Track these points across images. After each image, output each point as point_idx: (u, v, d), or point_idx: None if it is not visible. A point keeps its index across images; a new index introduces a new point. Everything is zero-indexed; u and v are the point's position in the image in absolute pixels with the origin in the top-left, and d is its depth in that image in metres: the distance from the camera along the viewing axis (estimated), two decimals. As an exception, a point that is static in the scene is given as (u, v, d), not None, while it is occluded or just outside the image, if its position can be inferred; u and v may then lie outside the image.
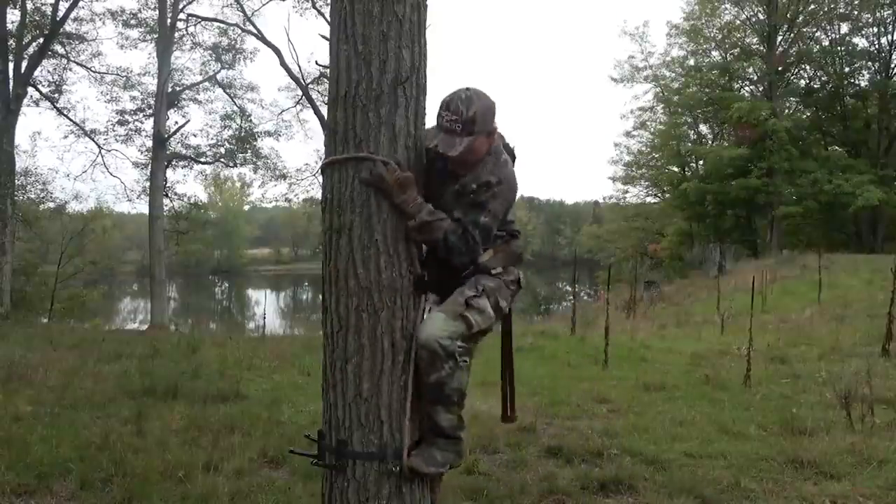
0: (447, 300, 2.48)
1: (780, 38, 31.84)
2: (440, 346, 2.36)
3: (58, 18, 17.58)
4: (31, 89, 18.30)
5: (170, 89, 20.18)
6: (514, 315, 2.76)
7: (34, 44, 17.75)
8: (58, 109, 20.11)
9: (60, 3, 17.65)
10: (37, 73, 18.14)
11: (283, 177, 22.45)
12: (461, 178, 2.50)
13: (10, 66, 16.70)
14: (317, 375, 3.60)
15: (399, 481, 2.35)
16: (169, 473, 3.70)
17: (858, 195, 26.43)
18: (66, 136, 20.88)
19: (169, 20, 19.40)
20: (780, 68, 31.48)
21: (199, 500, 3.39)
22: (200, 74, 21.70)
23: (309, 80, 19.90)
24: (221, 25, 20.93)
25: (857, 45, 31.74)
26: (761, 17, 32.20)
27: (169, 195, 21.07)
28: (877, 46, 31.49)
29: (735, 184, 29.20)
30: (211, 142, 22.08)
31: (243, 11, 20.29)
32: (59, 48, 19.07)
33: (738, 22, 33.32)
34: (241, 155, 22.32)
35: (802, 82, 33.96)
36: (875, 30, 31.20)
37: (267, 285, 55.53)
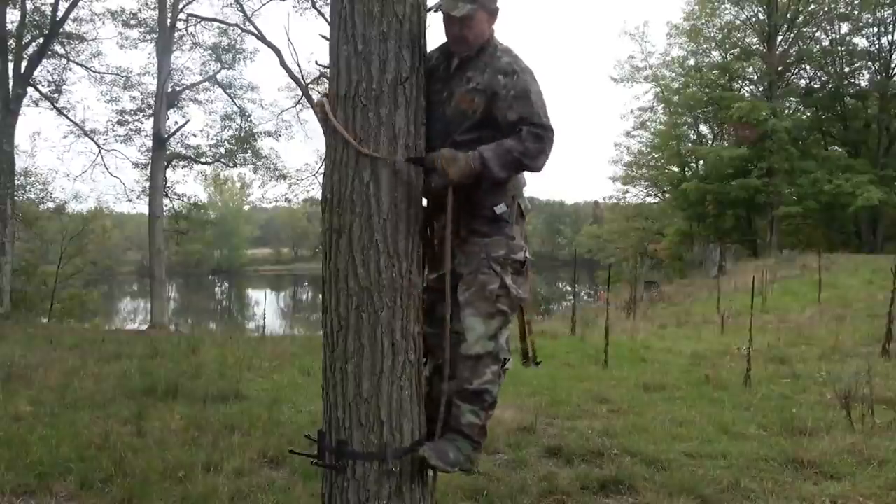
0: (472, 292, 2.43)
1: (780, 38, 31.83)
2: (485, 352, 2.42)
3: (58, 18, 17.58)
4: (30, 89, 18.29)
5: (170, 89, 20.17)
6: (514, 316, 2.72)
7: (34, 44, 17.75)
8: (58, 109, 20.10)
9: (60, 3, 17.67)
10: (37, 73, 18.15)
11: (283, 177, 22.45)
12: (474, 80, 2.42)
13: (10, 66, 16.70)
14: (317, 375, 3.60)
15: (399, 481, 2.35)
16: (169, 473, 3.69)
17: (858, 195, 26.42)
18: (65, 136, 20.91)
19: (169, 20, 19.39)
20: (780, 68, 31.46)
21: (199, 500, 3.38)
22: (200, 74, 21.71)
23: (309, 80, 19.87)
24: (221, 25, 20.92)
25: (857, 45, 31.78)
26: (761, 17, 32.20)
27: (169, 195, 21.07)
28: (877, 46, 31.49)
29: (735, 184, 29.19)
30: (211, 142, 22.10)
31: (243, 11, 20.27)
32: (58, 48, 19.05)
33: (738, 22, 33.32)
34: (241, 155, 22.31)
35: (802, 82, 33.98)
36: (875, 30, 31.20)
37: (267, 285, 55.51)
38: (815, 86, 33.38)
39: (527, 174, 2.60)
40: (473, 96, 2.43)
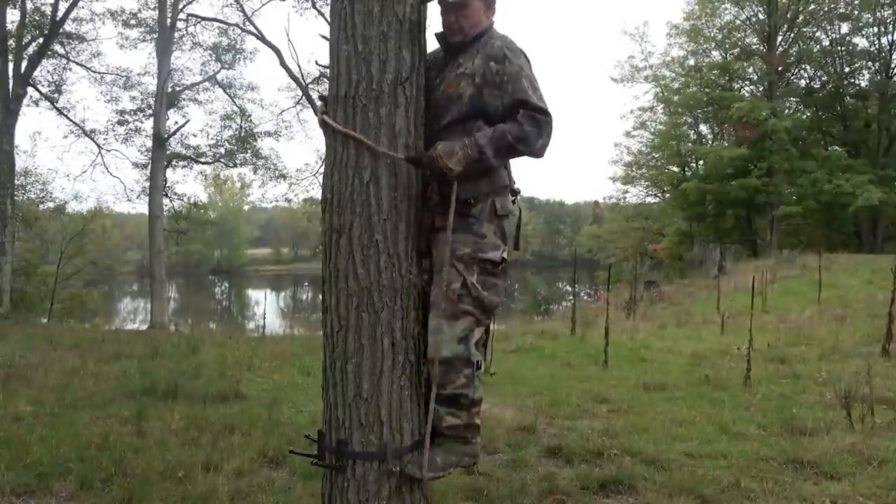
0: (437, 292, 2.36)
1: (780, 38, 31.84)
2: (454, 356, 2.34)
3: (57, 18, 17.57)
4: (30, 89, 18.28)
5: (170, 89, 20.18)
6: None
7: (34, 44, 17.74)
8: (58, 109, 20.11)
9: (60, 3, 17.66)
10: (37, 73, 18.14)
11: (283, 177, 22.44)
12: (464, 65, 2.39)
13: (10, 66, 16.70)
14: (317, 375, 3.59)
15: (399, 481, 2.35)
16: (169, 473, 3.69)
17: (858, 195, 26.44)
18: (66, 136, 20.97)
19: (169, 20, 19.39)
20: (780, 68, 31.47)
21: (199, 500, 3.38)
22: (200, 74, 21.72)
23: (309, 80, 19.85)
24: (221, 25, 20.93)
25: (857, 45, 31.81)
26: (761, 17, 32.21)
27: (169, 195, 21.08)
28: (877, 46, 31.52)
29: (735, 184, 29.22)
30: (211, 142, 22.10)
31: (243, 11, 20.27)
32: (58, 48, 19.06)
33: (738, 22, 33.33)
34: (241, 155, 22.31)
35: (802, 82, 33.99)
36: (875, 30, 31.22)
37: (267, 285, 55.52)
38: (815, 86, 33.41)
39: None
40: (460, 80, 2.40)
